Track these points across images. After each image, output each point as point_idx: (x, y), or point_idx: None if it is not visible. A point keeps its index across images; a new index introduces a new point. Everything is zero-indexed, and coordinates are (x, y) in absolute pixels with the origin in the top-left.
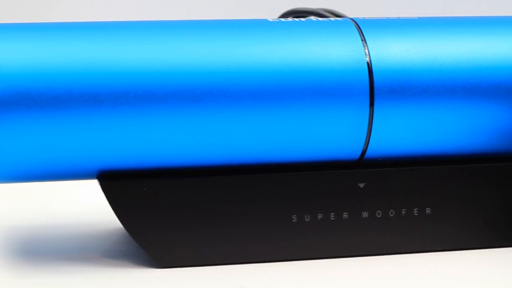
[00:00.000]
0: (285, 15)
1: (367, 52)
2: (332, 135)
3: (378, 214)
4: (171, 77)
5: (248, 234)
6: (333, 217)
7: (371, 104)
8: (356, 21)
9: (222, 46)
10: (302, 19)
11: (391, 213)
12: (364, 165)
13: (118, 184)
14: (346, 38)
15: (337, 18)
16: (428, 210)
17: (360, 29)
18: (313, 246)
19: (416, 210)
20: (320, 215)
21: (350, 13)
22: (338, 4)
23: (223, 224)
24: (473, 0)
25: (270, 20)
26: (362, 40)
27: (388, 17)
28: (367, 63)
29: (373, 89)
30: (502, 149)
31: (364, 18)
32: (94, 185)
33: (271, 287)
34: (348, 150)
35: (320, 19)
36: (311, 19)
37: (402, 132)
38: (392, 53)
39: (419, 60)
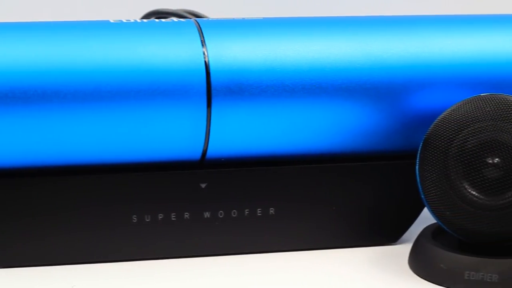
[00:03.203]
0: (147, 16)
1: (205, 53)
2: (171, 135)
3: (221, 214)
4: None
5: (88, 234)
6: (174, 217)
7: (209, 104)
8: (199, 22)
9: (56, 46)
10: (145, 20)
11: (234, 213)
12: (207, 166)
13: None
14: (186, 38)
15: (180, 19)
16: (271, 210)
17: (201, 29)
18: (154, 247)
19: (260, 210)
20: (161, 215)
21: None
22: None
23: (61, 224)
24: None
25: (112, 21)
26: (201, 40)
27: (233, 18)
28: (205, 63)
29: (211, 89)
30: (345, 149)
31: (208, 19)
32: None
33: (104, 286)
34: (189, 150)
35: (181, 19)
36: (154, 20)
37: (241, 132)
38: (231, 53)
39: (258, 60)
